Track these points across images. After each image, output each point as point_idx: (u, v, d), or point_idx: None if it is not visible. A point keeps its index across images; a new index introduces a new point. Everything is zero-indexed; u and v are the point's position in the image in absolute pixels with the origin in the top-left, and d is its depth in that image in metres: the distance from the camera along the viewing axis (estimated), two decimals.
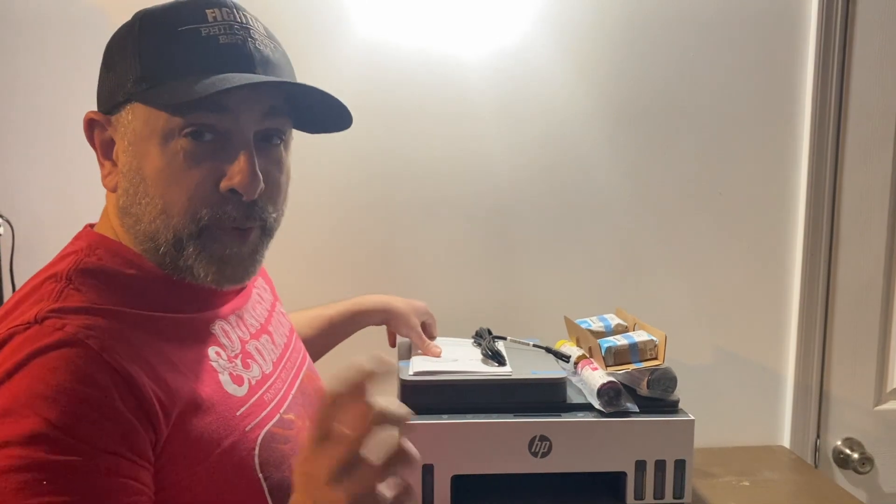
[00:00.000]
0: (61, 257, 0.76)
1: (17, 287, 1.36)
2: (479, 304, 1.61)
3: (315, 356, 1.24)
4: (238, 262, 0.79)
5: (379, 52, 1.53)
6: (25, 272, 1.24)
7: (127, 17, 0.77)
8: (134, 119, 0.74)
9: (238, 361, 0.81)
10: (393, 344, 1.39)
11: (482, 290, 1.62)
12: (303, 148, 1.48)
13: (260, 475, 0.75)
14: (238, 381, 0.79)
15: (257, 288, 0.95)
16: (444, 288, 1.61)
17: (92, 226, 0.82)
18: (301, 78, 0.83)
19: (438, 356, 1.29)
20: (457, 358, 1.31)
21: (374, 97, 1.55)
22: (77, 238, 0.80)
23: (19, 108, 1.48)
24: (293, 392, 0.88)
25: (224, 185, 0.75)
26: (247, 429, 0.77)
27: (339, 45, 1.52)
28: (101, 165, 0.78)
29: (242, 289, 0.88)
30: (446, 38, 1.54)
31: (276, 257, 1.52)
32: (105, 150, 0.77)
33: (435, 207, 1.60)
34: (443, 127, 1.57)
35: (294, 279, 1.57)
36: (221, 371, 0.78)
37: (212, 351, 0.78)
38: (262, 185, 0.77)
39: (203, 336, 0.79)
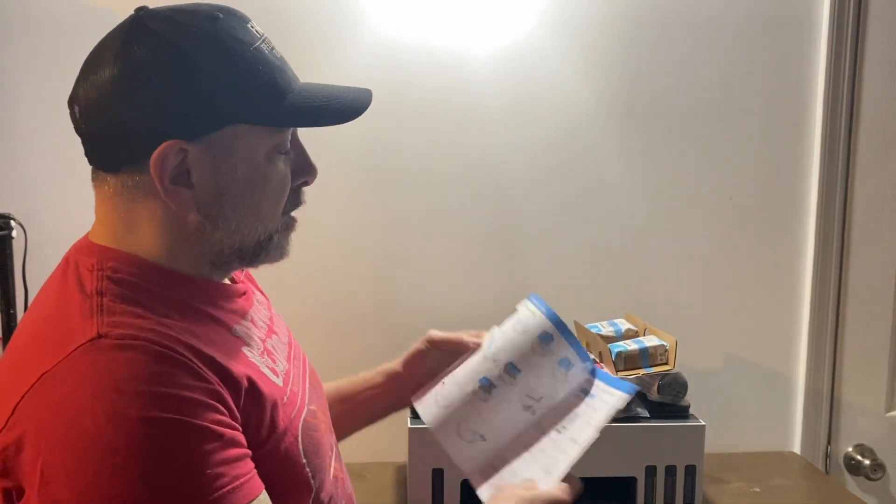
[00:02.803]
0: (78, 274, 0.74)
1: (30, 290, 1.37)
2: (488, 308, 1.60)
3: (349, 424, 1.12)
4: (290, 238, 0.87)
5: (387, 49, 1.54)
6: (38, 275, 1.25)
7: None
8: (238, 140, 0.75)
9: (266, 357, 0.83)
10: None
11: (490, 293, 1.62)
12: (308, 141, 1.49)
13: (304, 460, 0.79)
14: (273, 372, 0.82)
15: (255, 293, 0.95)
16: (451, 291, 1.61)
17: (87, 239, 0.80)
18: (311, 74, 0.86)
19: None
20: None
21: (381, 95, 1.53)
22: (82, 250, 0.77)
23: (33, 112, 1.49)
24: (307, 386, 0.91)
25: (300, 181, 0.84)
26: (291, 415, 0.80)
27: (349, 42, 1.53)
28: (171, 193, 0.73)
29: (244, 293, 0.88)
30: (454, 35, 1.54)
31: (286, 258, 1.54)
32: (174, 177, 0.73)
33: (442, 210, 1.60)
34: (449, 125, 1.57)
35: (300, 279, 1.57)
36: (260, 365, 0.80)
37: (245, 349, 0.80)
38: None
39: (232, 336, 0.80)
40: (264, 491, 0.71)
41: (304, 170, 0.84)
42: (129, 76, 0.72)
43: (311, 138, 0.86)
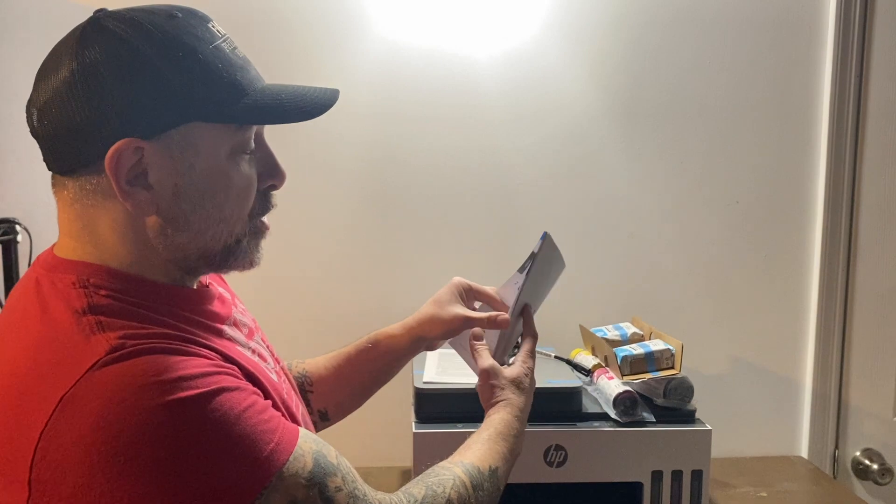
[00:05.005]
0: (60, 294, 0.72)
1: None
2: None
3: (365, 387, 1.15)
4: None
5: (392, 52, 1.54)
6: None
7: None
8: (196, 138, 0.74)
9: (258, 357, 0.84)
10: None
11: None
12: (313, 145, 1.49)
13: None
14: (268, 371, 0.83)
15: (227, 295, 0.95)
16: None
17: (52, 254, 0.78)
18: (315, 78, 0.85)
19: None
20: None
21: (386, 98, 1.55)
22: (55, 268, 0.75)
23: None
24: (288, 383, 0.92)
25: (267, 184, 0.81)
26: (292, 410, 0.81)
27: (355, 46, 1.53)
28: (127, 195, 0.72)
29: (219, 296, 0.88)
30: (459, 39, 1.55)
31: (283, 259, 1.54)
32: (131, 178, 0.72)
33: (446, 213, 1.60)
34: (454, 129, 1.57)
35: (301, 282, 1.57)
36: (259, 362, 0.81)
37: (240, 348, 0.80)
38: None
39: (224, 338, 0.80)
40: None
41: (270, 173, 0.81)
42: (84, 75, 0.71)
43: (312, 141, 0.86)
